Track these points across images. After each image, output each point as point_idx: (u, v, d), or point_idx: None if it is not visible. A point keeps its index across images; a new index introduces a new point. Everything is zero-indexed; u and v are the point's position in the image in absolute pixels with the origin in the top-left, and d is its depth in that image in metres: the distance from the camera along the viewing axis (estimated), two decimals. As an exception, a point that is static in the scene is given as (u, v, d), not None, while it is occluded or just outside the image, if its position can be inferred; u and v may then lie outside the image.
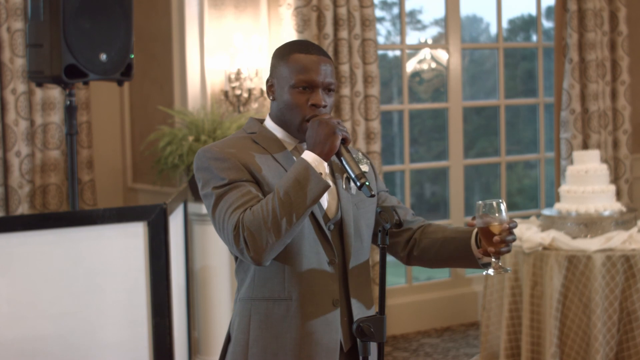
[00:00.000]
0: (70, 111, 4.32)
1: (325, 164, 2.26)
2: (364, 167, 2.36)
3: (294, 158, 2.37)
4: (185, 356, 4.54)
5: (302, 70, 2.31)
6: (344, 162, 2.27)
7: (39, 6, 4.12)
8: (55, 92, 5.23)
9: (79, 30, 4.13)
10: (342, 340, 2.35)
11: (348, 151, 2.28)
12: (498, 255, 2.33)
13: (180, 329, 4.33)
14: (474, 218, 2.30)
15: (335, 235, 2.36)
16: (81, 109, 5.45)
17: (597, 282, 4.71)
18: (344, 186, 2.39)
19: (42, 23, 4.11)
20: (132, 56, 4.36)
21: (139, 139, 5.85)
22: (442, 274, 6.71)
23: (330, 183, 2.30)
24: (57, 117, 5.25)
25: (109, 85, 5.64)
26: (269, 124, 2.42)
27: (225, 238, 2.27)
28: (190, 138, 5.02)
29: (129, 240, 3.88)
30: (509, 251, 2.34)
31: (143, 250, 3.90)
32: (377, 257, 5.69)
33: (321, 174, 2.22)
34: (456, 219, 6.45)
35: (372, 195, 2.23)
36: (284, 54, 2.37)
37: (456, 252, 2.42)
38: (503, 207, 2.28)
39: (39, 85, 4.66)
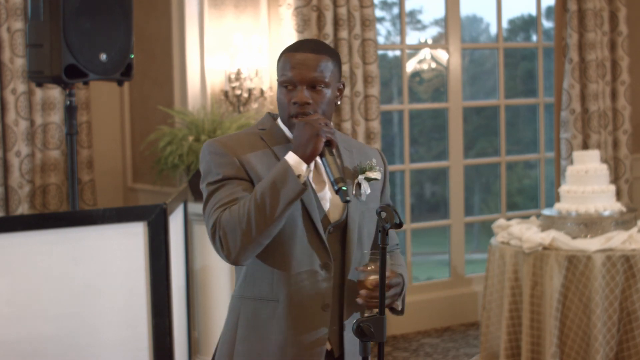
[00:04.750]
0: (70, 111, 4.32)
1: (305, 166, 2.23)
2: (376, 175, 2.36)
3: None
4: (185, 356, 4.54)
5: (284, 69, 2.32)
6: (325, 165, 2.25)
7: (39, 6, 4.12)
8: (55, 92, 5.23)
9: (79, 30, 4.13)
10: (330, 345, 2.34)
11: (332, 154, 2.26)
12: (368, 307, 2.30)
13: (180, 329, 4.33)
14: (365, 265, 2.30)
15: (335, 239, 2.35)
16: (81, 109, 5.44)
17: (597, 282, 4.71)
18: (353, 192, 2.37)
19: (42, 23, 4.11)
20: (132, 56, 4.36)
21: (139, 139, 5.84)
22: (442, 274, 6.71)
23: (329, 195, 2.31)
24: (57, 117, 5.24)
25: (109, 85, 5.64)
26: (280, 122, 2.42)
27: (208, 235, 2.30)
28: (190, 138, 5.02)
29: (129, 240, 3.88)
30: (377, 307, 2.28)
31: (143, 250, 3.90)
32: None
33: (299, 176, 2.20)
34: (456, 219, 6.45)
35: (347, 201, 2.21)
36: (280, 53, 2.38)
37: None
38: (375, 260, 2.27)
39: (39, 85, 4.65)
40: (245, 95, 5.35)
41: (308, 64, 2.30)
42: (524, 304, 4.90)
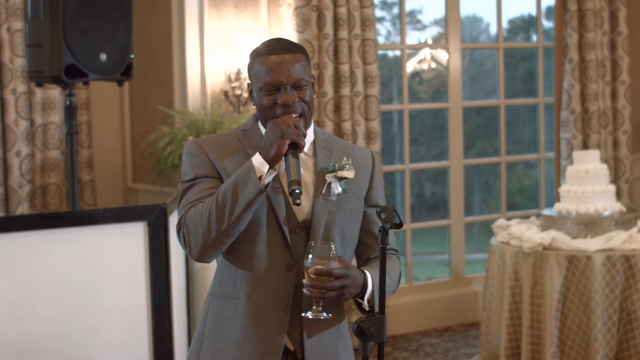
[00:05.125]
0: (70, 111, 4.32)
1: (267, 167, 2.23)
2: (348, 174, 2.34)
3: None
4: (185, 356, 4.54)
5: (264, 73, 2.30)
6: (286, 166, 2.24)
7: (39, 6, 4.12)
8: (55, 92, 5.23)
9: (79, 30, 4.13)
10: (292, 346, 2.33)
11: (296, 156, 2.25)
12: (314, 299, 2.26)
13: (180, 329, 4.33)
14: (310, 255, 2.25)
15: (300, 239, 2.33)
16: (81, 109, 5.45)
17: (597, 282, 4.71)
18: (323, 191, 2.36)
19: (42, 23, 4.11)
20: (132, 56, 4.36)
21: (139, 139, 5.85)
22: (442, 274, 6.71)
23: (283, 186, 2.30)
24: (57, 117, 5.24)
25: (109, 85, 5.64)
26: (260, 124, 2.41)
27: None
28: (190, 138, 5.02)
29: (129, 240, 3.88)
30: (322, 298, 2.23)
31: (143, 250, 3.90)
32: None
33: (260, 177, 2.21)
34: (456, 219, 6.45)
35: (297, 204, 2.18)
36: (252, 59, 2.36)
37: None
38: (329, 250, 2.23)
39: (39, 85, 4.66)
40: (245, 95, 5.35)
41: (288, 65, 2.30)
42: (524, 304, 4.90)
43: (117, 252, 3.89)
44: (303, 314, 2.30)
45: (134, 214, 3.92)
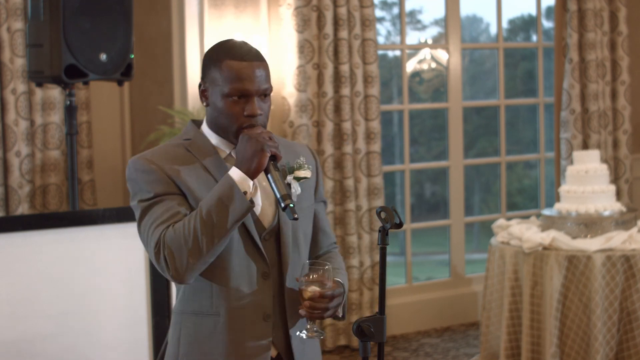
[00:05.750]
0: (70, 111, 4.32)
1: (251, 182, 2.18)
2: (306, 173, 2.30)
3: (227, 165, 2.28)
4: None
5: (235, 79, 2.22)
6: (271, 181, 2.19)
7: (39, 6, 4.12)
8: (55, 92, 5.23)
9: (79, 30, 4.13)
10: (276, 352, 2.32)
11: (277, 169, 2.20)
12: (310, 319, 2.24)
13: (180, 329, 4.33)
14: (306, 275, 2.23)
15: (270, 246, 2.30)
16: (81, 109, 5.44)
17: (597, 282, 4.71)
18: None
19: (42, 23, 4.11)
20: (132, 56, 4.36)
21: (139, 139, 5.85)
22: (442, 274, 6.71)
23: (260, 201, 2.26)
24: (57, 117, 5.24)
25: (109, 85, 5.64)
26: (205, 129, 2.34)
27: (149, 254, 2.23)
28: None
29: (129, 240, 3.87)
30: (321, 318, 2.23)
31: (143, 250, 3.89)
32: (376, 258, 5.70)
33: (245, 192, 2.16)
34: (456, 219, 6.45)
35: (295, 219, 2.15)
36: (216, 58, 2.27)
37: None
38: (327, 272, 2.23)
39: (39, 85, 4.66)
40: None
41: (259, 74, 2.23)
42: (524, 304, 4.90)
43: (117, 252, 3.89)
44: (298, 333, 2.28)
45: (134, 214, 3.91)
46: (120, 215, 3.89)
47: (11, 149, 5.09)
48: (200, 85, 2.32)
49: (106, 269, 3.87)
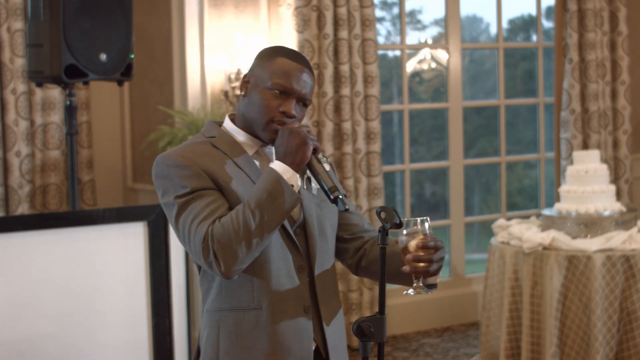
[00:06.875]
0: (70, 111, 4.32)
1: (297, 175, 2.20)
2: (326, 166, 2.31)
3: (256, 162, 2.31)
4: (185, 356, 4.54)
5: (282, 74, 2.25)
6: (316, 174, 2.22)
7: (39, 6, 4.12)
8: (55, 92, 5.23)
9: (79, 30, 4.13)
10: (316, 347, 2.32)
11: (319, 162, 2.23)
12: (416, 274, 2.23)
13: (180, 329, 4.33)
14: (405, 233, 2.23)
15: (301, 239, 2.32)
16: (81, 109, 5.45)
17: (597, 282, 4.71)
18: (304, 186, 2.34)
19: (42, 23, 4.11)
20: (132, 56, 4.36)
21: (139, 139, 5.85)
22: (442, 274, 6.70)
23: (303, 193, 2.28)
24: (57, 117, 5.25)
25: (109, 85, 5.64)
26: (230, 126, 2.36)
27: (192, 250, 2.21)
28: (190, 138, 5.02)
29: (129, 240, 3.88)
30: (427, 271, 2.22)
31: (143, 250, 3.90)
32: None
33: (292, 186, 2.17)
34: (456, 219, 6.45)
35: (346, 210, 2.19)
36: (270, 55, 2.31)
37: (399, 269, 2.29)
38: (425, 225, 2.22)
39: (39, 85, 4.66)
40: (245, 95, 5.34)
41: (306, 79, 2.28)
42: (524, 304, 4.90)
43: (117, 252, 3.89)
44: (405, 292, 2.26)
45: (134, 214, 3.92)
46: (120, 215, 3.89)
47: (11, 149, 5.09)
48: (244, 76, 2.34)
49: (106, 269, 3.87)
